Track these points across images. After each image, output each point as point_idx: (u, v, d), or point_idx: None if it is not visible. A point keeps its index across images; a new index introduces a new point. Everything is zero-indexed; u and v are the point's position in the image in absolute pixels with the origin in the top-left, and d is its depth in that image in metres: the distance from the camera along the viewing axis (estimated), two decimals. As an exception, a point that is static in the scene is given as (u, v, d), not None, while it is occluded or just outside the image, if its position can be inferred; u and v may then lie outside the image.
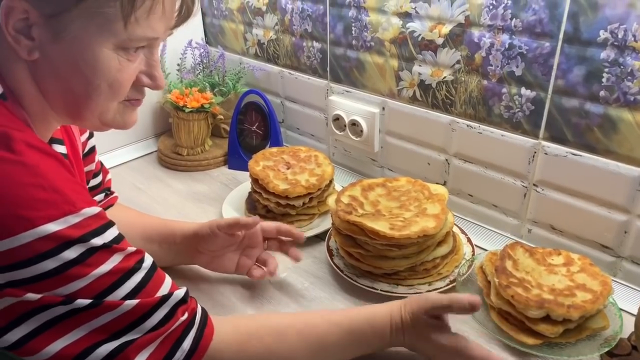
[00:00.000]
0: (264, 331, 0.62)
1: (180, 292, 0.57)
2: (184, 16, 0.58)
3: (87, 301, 0.50)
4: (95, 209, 0.52)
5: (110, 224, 0.53)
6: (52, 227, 0.47)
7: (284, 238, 0.82)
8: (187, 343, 0.56)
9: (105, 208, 0.83)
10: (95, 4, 0.50)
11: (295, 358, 0.62)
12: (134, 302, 0.52)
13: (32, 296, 0.48)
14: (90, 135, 0.78)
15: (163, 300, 0.54)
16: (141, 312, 0.53)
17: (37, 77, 0.54)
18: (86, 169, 0.78)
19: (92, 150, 0.79)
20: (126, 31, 0.52)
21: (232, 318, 0.67)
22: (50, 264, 0.48)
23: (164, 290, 0.55)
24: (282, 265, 0.86)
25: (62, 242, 0.48)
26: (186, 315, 0.57)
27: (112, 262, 0.51)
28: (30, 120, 0.55)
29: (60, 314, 0.49)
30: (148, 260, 0.56)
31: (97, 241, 0.50)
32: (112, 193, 0.86)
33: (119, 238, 0.53)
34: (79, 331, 0.50)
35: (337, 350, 0.64)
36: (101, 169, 0.83)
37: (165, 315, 0.54)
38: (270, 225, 0.82)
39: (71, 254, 0.48)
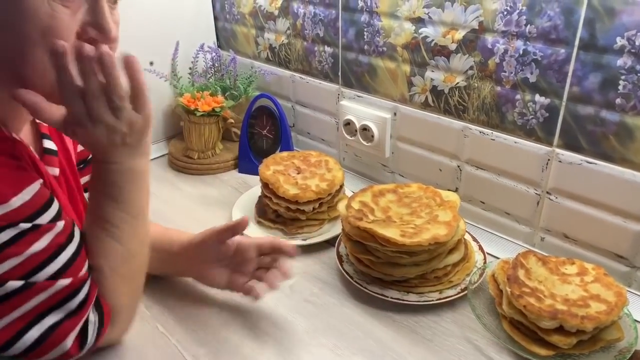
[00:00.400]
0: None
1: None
2: None
3: (20, 283, 0.50)
4: (26, 195, 0.50)
5: (43, 209, 0.52)
6: None
7: (276, 256, 0.77)
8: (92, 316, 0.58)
9: None
10: None
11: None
12: (66, 281, 0.54)
13: None
14: None
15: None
16: (70, 289, 0.55)
17: None
18: (88, 177, 0.77)
19: None
20: None
21: None
22: None
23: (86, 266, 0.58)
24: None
25: None
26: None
27: (43, 241, 0.52)
28: None
29: None
30: (77, 236, 0.57)
31: (26, 225, 0.50)
32: None
33: (55, 217, 0.54)
34: (10, 316, 0.51)
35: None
36: None
37: (87, 293, 0.57)
38: (264, 240, 0.77)
39: (1, 237, 0.49)
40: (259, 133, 1.19)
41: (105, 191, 0.59)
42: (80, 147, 0.74)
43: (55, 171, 0.64)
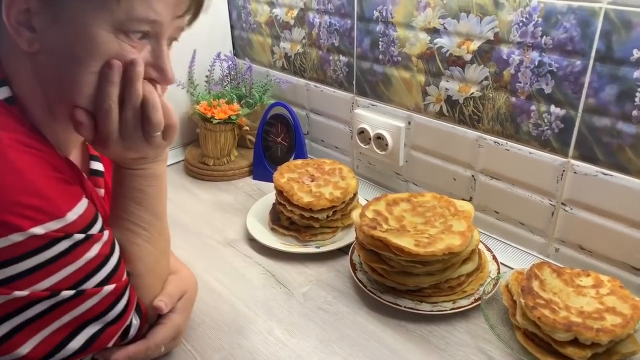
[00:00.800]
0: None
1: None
2: (193, 9, 0.56)
3: (72, 292, 0.52)
4: (79, 209, 0.52)
5: (93, 222, 0.54)
6: (39, 230, 0.48)
7: None
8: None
9: None
10: None
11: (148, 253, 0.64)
12: (111, 286, 0.56)
13: (19, 293, 0.49)
14: None
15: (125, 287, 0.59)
16: (114, 296, 0.56)
17: (38, 70, 0.53)
18: None
19: None
20: (120, 7, 0.50)
21: None
22: (38, 259, 0.49)
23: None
24: (304, 278, 0.87)
25: (50, 239, 0.49)
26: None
27: (93, 251, 0.54)
28: (36, 123, 0.55)
29: (44, 309, 0.51)
30: (117, 244, 0.59)
31: (80, 235, 0.52)
32: None
33: (101, 228, 0.56)
34: (60, 321, 0.52)
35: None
36: None
37: (128, 298, 0.59)
38: None
39: (58, 248, 0.50)
40: (274, 140, 1.20)
41: (130, 195, 0.62)
42: None
43: (101, 192, 0.68)
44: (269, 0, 1.23)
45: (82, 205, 0.53)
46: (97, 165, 0.68)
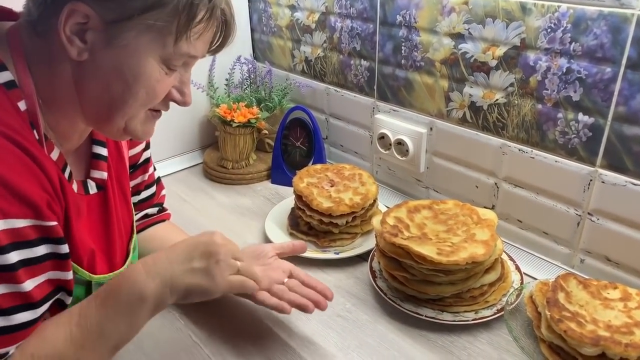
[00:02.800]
0: (39, 345, 0.56)
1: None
2: (221, 44, 0.61)
3: None
4: (16, 222, 0.49)
5: (18, 246, 0.50)
6: None
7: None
8: None
9: (155, 222, 0.84)
10: (155, 16, 0.52)
11: (64, 348, 0.56)
12: None
13: None
14: (146, 147, 0.79)
15: None
16: None
17: (78, 77, 0.56)
18: (138, 179, 0.80)
19: (147, 161, 0.80)
20: (175, 47, 0.55)
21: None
22: None
23: (10, 349, 0.52)
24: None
25: None
26: None
27: None
28: (39, 111, 0.55)
29: None
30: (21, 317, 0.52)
31: None
32: (164, 210, 0.87)
33: (26, 262, 0.51)
34: None
35: (95, 320, 0.57)
36: (156, 183, 0.84)
37: None
38: (286, 248, 0.82)
39: None
40: (293, 144, 1.20)
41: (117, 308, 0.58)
42: (131, 152, 0.77)
43: (104, 175, 0.67)
44: (290, 4, 1.22)
45: (15, 222, 0.49)
46: (101, 150, 0.68)
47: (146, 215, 0.84)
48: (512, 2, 0.82)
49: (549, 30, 0.79)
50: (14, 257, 0.49)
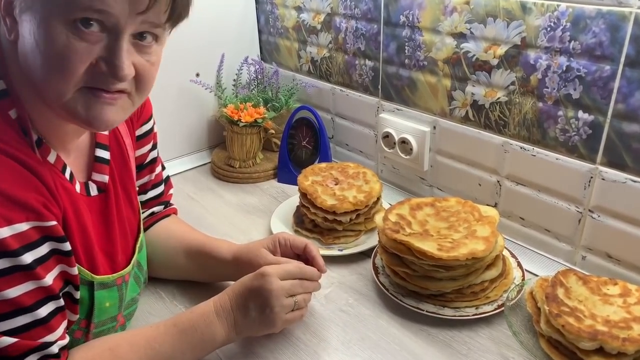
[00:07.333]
0: (99, 354, 0.61)
1: (54, 348, 0.55)
2: (169, 8, 0.53)
3: None
4: (20, 227, 0.50)
5: (28, 247, 0.51)
6: None
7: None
8: None
9: (162, 217, 0.87)
10: None
11: None
12: (11, 340, 0.51)
13: None
14: (153, 148, 0.81)
15: (37, 349, 0.53)
16: (12, 354, 0.51)
17: (19, 58, 0.53)
18: (145, 179, 0.82)
19: (153, 161, 0.82)
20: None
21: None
22: None
23: (50, 337, 0.54)
24: (327, 280, 0.87)
25: None
26: None
27: (16, 290, 0.51)
28: (32, 115, 0.55)
29: None
30: (59, 302, 0.55)
31: (4, 263, 0.50)
32: (170, 205, 0.89)
33: (39, 260, 0.53)
34: None
35: (169, 348, 0.65)
36: (164, 182, 0.86)
37: None
38: (300, 241, 0.80)
39: None
40: (299, 144, 1.22)
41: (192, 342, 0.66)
42: (138, 153, 0.78)
43: (105, 177, 0.68)
44: (296, 5, 1.24)
45: (19, 227, 0.50)
46: (103, 153, 0.68)
47: (152, 213, 0.86)
48: (513, 1, 0.83)
49: (548, 29, 0.80)
50: (28, 258, 0.52)
